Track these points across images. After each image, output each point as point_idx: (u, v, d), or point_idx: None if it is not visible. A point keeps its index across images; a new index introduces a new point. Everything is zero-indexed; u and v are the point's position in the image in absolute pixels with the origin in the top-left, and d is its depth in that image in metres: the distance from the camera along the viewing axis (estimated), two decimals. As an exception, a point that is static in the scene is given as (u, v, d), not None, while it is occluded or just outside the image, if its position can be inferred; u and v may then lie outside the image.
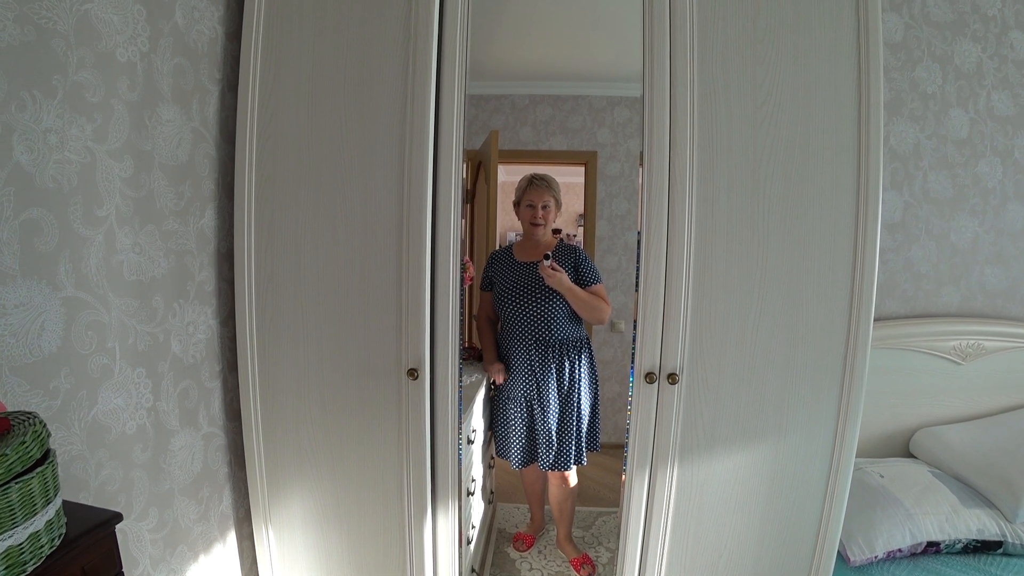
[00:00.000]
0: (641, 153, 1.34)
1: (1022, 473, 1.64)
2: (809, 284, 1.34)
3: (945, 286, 2.04)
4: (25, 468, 0.67)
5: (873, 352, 1.36)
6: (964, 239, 2.02)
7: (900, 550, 1.57)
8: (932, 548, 1.58)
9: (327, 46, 1.37)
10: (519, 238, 2.13)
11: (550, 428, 1.99)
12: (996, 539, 1.58)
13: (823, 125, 1.31)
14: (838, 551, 1.46)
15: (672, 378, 1.36)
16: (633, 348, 1.40)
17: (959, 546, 1.59)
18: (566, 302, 1.95)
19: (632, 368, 1.40)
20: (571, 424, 1.99)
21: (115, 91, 1.06)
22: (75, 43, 0.97)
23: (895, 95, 1.95)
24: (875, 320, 1.36)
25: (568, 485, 2.11)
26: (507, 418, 2.05)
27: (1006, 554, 1.59)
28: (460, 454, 1.48)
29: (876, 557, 1.56)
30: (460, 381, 1.45)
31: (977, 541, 1.58)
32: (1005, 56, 1.95)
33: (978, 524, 1.59)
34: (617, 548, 1.52)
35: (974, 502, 1.65)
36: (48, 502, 0.70)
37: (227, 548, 1.51)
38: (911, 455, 1.98)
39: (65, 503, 0.77)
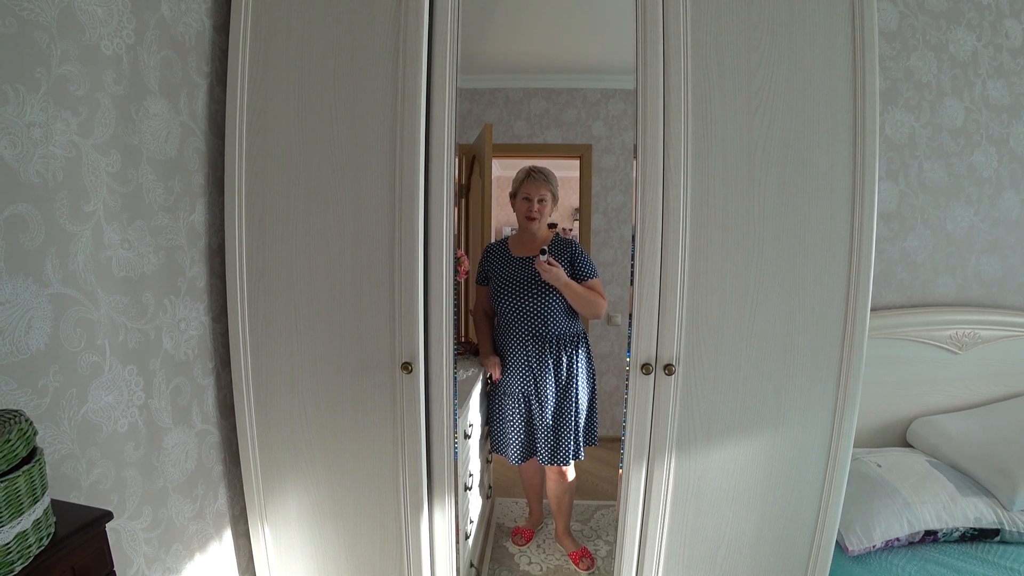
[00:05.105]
0: (635, 145, 1.33)
1: (1019, 462, 1.65)
2: (805, 273, 1.34)
3: (941, 275, 2.04)
4: (11, 467, 0.65)
5: (869, 342, 1.36)
6: (960, 228, 2.02)
7: (898, 539, 1.57)
8: (930, 537, 1.59)
9: (316, 38, 1.35)
10: (514, 232, 2.11)
11: (548, 423, 1.98)
12: (993, 527, 1.58)
13: (818, 114, 1.30)
14: (836, 541, 1.46)
15: (668, 369, 1.35)
16: (629, 340, 1.39)
17: (956, 534, 1.59)
18: (562, 297, 1.94)
19: (628, 360, 1.39)
20: (569, 419, 1.99)
21: (100, 84, 1.05)
22: (58, 35, 0.95)
23: (890, 84, 1.94)
24: (871, 310, 1.36)
25: (566, 479, 2.11)
26: (504, 414, 2.04)
27: (1003, 542, 1.60)
28: (456, 448, 1.48)
29: (874, 547, 1.56)
30: (455, 375, 1.45)
31: (974, 529, 1.59)
32: (1000, 44, 1.94)
33: (975, 512, 1.59)
34: (615, 541, 1.51)
35: (971, 491, 1.65)
36: (36, 501, 0.69)
37: (223, 546, 1.50)
38: (908, 445, 1.98)
39: (55, 502, 0.76)
